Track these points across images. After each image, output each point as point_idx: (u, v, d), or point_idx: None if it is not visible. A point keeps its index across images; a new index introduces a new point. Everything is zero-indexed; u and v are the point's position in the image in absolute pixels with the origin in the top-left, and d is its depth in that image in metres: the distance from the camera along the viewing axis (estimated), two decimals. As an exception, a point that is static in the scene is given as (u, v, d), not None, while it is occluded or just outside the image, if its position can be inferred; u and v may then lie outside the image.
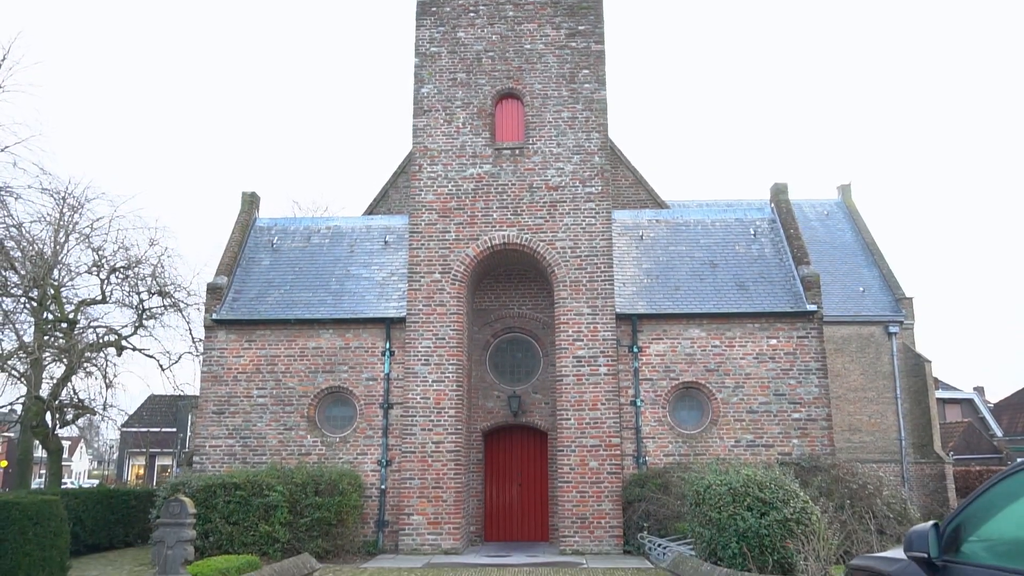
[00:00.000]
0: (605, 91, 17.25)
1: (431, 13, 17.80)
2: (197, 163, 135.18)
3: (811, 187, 77.65)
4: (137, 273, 21.10)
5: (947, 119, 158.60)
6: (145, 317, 21.18)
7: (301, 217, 24.58)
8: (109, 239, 20.84)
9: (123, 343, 20.85)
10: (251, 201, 19.25)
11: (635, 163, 21.10)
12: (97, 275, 20.83)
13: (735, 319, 16.38)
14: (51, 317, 19.80)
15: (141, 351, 21.37)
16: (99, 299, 20.84)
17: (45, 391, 19.85)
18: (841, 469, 14.00)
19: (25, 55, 50.58)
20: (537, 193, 16.80)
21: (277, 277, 17.76)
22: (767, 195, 20.36)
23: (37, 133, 36.25)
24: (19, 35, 35.61)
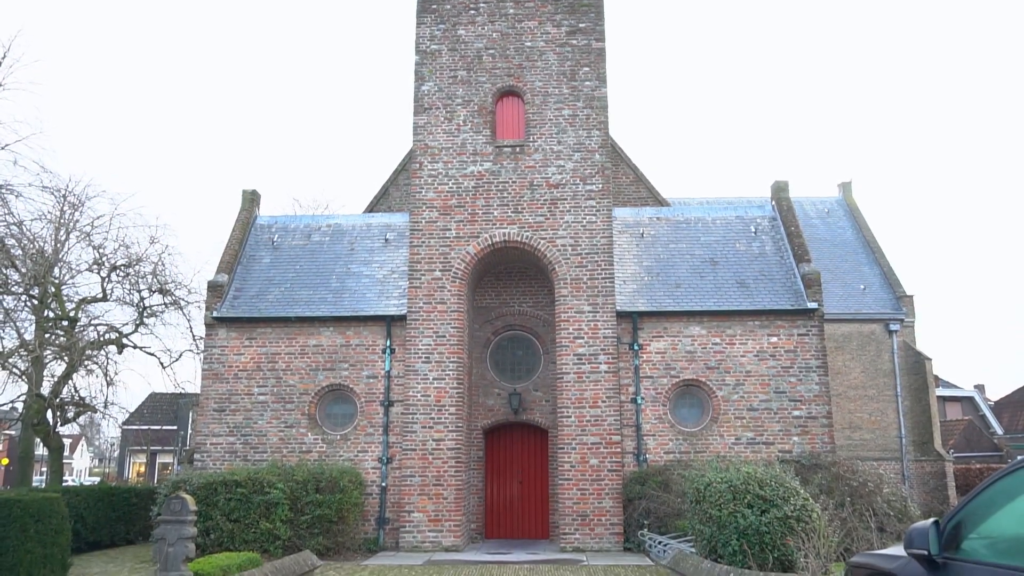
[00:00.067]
0: (606, 89, 17.23)
1: (431, 11, 17.78)
2: (198, 161, 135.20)
3: (812, 185, 77.69)
4: (138, 271, 21.09)
5: (948, 117, 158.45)
6: (146, 315, 21.18)
7: (302, 215, 24.53)
8: (110, 237, 20.85)
9: (124, 341, 20.85)
10: (252, 199, 19.26)
11: (636, 161, 21.11)
12: (98, 273, 20.84)
13: (736, 317, 16.38)
14: (52, 315, 19.80)
15: (142, 349, 21.37)
16: (100, 297, 20.83)
17: (46, 389, 19.84)
18: (841, 467, 14.02)
19: (25, 53, 50.42)
20: (538, 191, 16.79)
21: (278, 275, 17.77)
22: (768, 193, 20.36)
23: (37, 131, 36.13)
24: (19, 33, 35.26)
